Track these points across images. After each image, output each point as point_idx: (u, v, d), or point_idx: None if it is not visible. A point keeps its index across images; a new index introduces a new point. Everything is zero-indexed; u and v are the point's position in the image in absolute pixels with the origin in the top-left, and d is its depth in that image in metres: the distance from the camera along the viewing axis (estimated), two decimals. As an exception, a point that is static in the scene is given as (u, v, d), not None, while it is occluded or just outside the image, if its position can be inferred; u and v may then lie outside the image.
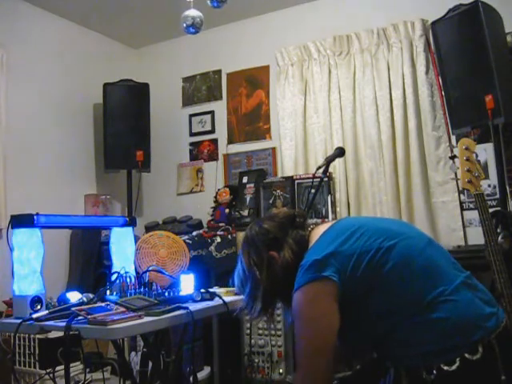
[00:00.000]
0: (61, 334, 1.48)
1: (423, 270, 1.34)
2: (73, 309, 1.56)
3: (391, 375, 1.38)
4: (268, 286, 1.49)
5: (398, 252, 1.34)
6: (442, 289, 1.30)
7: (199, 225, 3.89)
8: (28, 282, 1.67)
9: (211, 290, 1.99)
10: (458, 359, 1.23)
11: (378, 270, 1.33)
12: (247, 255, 1.55)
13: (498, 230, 2.39)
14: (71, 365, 2.70)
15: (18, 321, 1.57)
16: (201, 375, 3.08)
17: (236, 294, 2.03)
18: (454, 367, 1.23)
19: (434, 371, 1.24)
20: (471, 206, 3.28)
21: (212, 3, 2.84)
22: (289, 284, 1.41)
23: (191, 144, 4.40)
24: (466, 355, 1.23)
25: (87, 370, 2.86)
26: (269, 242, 1.52)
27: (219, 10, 2.95)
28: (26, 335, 2.78)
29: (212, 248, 3.40)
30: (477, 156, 2.41)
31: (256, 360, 3.15)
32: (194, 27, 3.05)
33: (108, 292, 1.83)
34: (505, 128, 2.93)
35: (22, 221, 1.67)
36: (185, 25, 3.06)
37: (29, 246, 1.68)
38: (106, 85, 3.98)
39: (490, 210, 2.29)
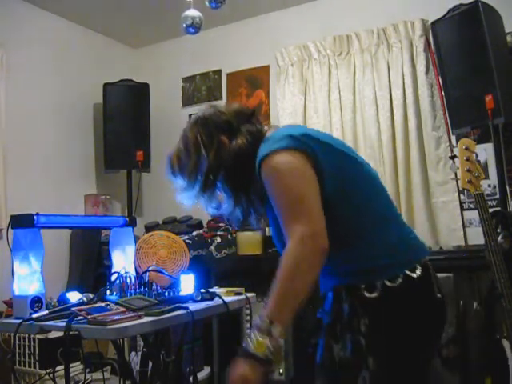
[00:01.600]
0: (61, 334, 1.48)
1: (383, 191, 1.40)
2: (73, 309, 1.56)
3: (330, 299, 1.35)
4: (214, 165, 1.39)
5: (365, 165, 1.40)
6: (394, 211, 1.40)
7: (199, 225, 3.89)
8: (28, 281, 1.66)
9: (211, 289, 1.99)
10: (401, 275, 1.26)
11: (352, 171, 1.34)
12: (195, 133, 1.44)
13: (498, 230, 2.39)
14: (71, 365, 2.70)
15: (18, 321, 1.57)
16: (201, 375, 3.08)
17: (236, 294, 2.03)
18: (397, 283, 1.25)
19: (378, 288, 1.25)
20: (471, 206, 3.28)
21: (210, 4, 2.84)
22: (238, 172, 1.36)
23: (191, 144, 4.40)
24: (408, 272, 1.27)
25: (87, 369, 2.86)
26: (222, 125, 1.42)
27: (219, 10, 2.95)
28: (26, 335, 2.78)
29: (212, 248, 3.39)
30: (477, 156, 2.41)
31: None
32: (194, 27, 3.05)
33: (108, 292, 1.83)
34: (505, 128, 2.92)
35: (22, 221, 1.67)
36: (185, 25, 3.06)
37: (29, 246, 1.67)
38: (105, 85, 3.98)
39: (490, 210, 2.29)
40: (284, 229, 1.23)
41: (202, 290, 1.91)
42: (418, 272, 1.27)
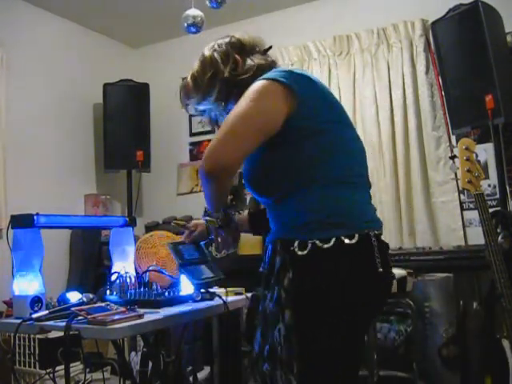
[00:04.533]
0: (61, 334, 1.48)
1: (353, 154, 1.40)
2: (73, 309, 1.56)
3: (269, 251, 1.39)
4: (229, 81, 1.47)
5: (348, 128, 1.42)
6: (357, 178, 1.38)
7: (199, 225, 3.88)
8: (28, 281, 1.66)
9: (211, 290, 1.98)
10: (333, 239, 1.26)
11: (330, 125, 1.35)
12: (211, 53, 1.53)
13: (498, 230, 2.40)
14: (71, 365, 2.70)
15: (18, 321, 1.57)
16: (201, 375, 3.08)
17: (236, 294, 2.03)
18: (328, 245, 1.25)
19: (309, 246, 1.26)
20: (471, 206, 3.28)
21: (211, 4, 2.84)
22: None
23: (191, 144, 4.40)
24: (342, 237, 1.26)
25: (87, 369, 2.86)
26: (237, 46, 1.53)
27: (219, 10, 2.95)
28: (26, 335, 2.78)
29: (212, 248, 3.39)
30: (477, 156, 2.42)
31: (256, 360, 3.15)
32: (195, 26, 3.05)
33: (108, 292, 1.83)
34: (505, 128, 2.93)
35: (21, 221, 1.67)
36: (186, 24, 3.06)
37: (29, 246, 1.67)
38: (106, 85, 3.98)
39: (490, 210, 2.29)
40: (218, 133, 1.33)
41: (202, 290, 1.91)
42: (354, 240, 1.26)
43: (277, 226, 1.40)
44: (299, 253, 1.27)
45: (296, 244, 1.28)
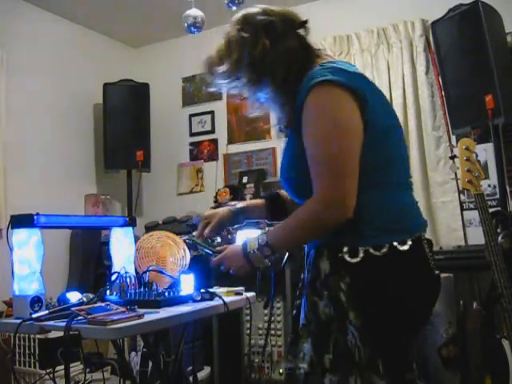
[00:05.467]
0: (61, 334, 1.47)
1: (403, 157, 1.39)
2: (73, 309, 1.56)
3: (311, 256, 1.34)
4: (258, 65, 1.34)
5: (399, 131, 1.38)
6: (409, 180, 1.38)
7: (199, 225, 3.88)
8: (28, 281, 1.66)
9: (211, 289, 1.98)
10: (386, 245, 1.23)
11: (390, 129, 1.32)
12: (237, 31, 1.37)
13: (498, 230, 2.40)
14: (71, 365, 2.70)
15: (18, 321, 1.56)
16: (201, 375, 3.08)
17: (236, 294, 2.03)
18: (381, 252, 1.23)
19: (360, 254, 1.23)
20: (471, 205, 3.28)
21: (228, 4, 2.84)
22: (280, 75, 1.30)
23: (191, 144, 4.40)
24: (395, 243, 1.24)
25: (87, 369, 2.86)
26: (266, 26, 1.36)
27: (219, 10, 2.96)
28: (26, 335, 2.78)
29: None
30: (477, 156, 2.41)
31: (256, 360, 3.15)
32: (196, 26, 3.05)
33: (108, 292, 1.82)
34: (505, 128, 2.93)
35: (22, 221, 1.67)
36: (186, 24, 3.07)
37: (29, 246, 1.67)
38: (105, 85, 3.98)
39: (490, 210, 2.29)
40: (313, 175, 1.24)
41: (202, 290, 1.91)
42: (406, 246, 1.24)
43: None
44: (349, 259, 1.24)
45: (346, 250, 1.24)
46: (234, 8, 2.85)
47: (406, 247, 1.24)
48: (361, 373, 1.21)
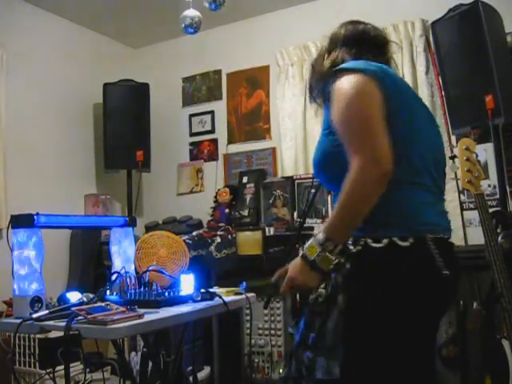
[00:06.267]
0: (61, 334, 1.48)
1: (431, 160, 1.38)
2: (73, 309, 1.56)
3: None
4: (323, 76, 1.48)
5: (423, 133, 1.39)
6: (429, 180, 1.36)
7: (199, 225, 3.89)
8: (28, 281, 1.66)
9: (211, 290, 1.98)
10: (385, 239, 1.25)
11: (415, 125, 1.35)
12: (322, 45, 1.67)
13: (498, 230, 2.40)
14: (71, 365, 2.70)
15: (18, 321, 1.57)
16: (201, 375, 3.08)
17: (236, 294, 2.03)
18: (379, 245, 1.25)
19: (361, 243, 1.27)
20: (471, 205, 3.27)
21: (210, 6, 2.85)
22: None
23: (191, 144, 4.40)
24: (394, 238, 1.25)
25: (87, 369, 2.86)
26: (347, 42, 1.56)
27: (219, 11, 2.96)
28: (26, 335, 2.78)
29: (212, 248, 3.39)
30: (477, 156, 2.41)
31: (256, 360, 3.16)
32: (193, 27, 3.06)
33: (108, 292, 1.83)
34: (505, 128, 2.92)
35: (22, 221, 1.67)
36: (183, 25, 3.07)
37: (29, 246, 1.67)
38: (105, 85, 3.98)
39: (490, 210, 2.29)
40: (348, 149, 1.27)
41: (202, 290, 1.91)
42: (407, 243, 1.25)
43: None
44: (351, 248, 1.28)
45: (351, 239, 1.29)
46: (214, 8, 2.86)
47: (406, 243, 1.25)
48: (327, 356, 1.27)
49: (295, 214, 3.52)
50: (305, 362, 1.32)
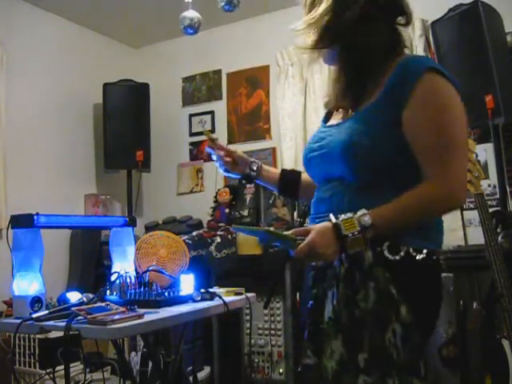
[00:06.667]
0: (61, 334, 1.48)
1: None
2: (73, 309, 1.56)
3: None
4: (341, 27, 1.36)
5: None
6: None
7: (199, 225, 3.89)
8: (28, 281, 1.66)
9: (211, 289, 1.98)
10: (425, 250, 1.23)
11: None
12: None
13: (498, 230, 2.40)
14: (71, 365, 2.70)
15: (18, 321, 1.57)
16: (201, 375, 3.08)
17: (236, 294, 2.03)
18: (421, 256, 1.23)
19: (402, 253, 1.21)
20: (471, 205, 3.26)
21: (224, 7, 2.84)
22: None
23: (191, 144, 4.41)
24: (430, 250, 1.25)
25: (87, 369, 2.86)
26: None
27: (219, 11, 2.96)
28: (26, 335, 2.78)
29: (212, 248, 3.39)
30: (477, 156, 2.41)
31: (256, 360, 3.16)
32: (192, 28, 3.06)
33: (108, 292, 1.83)
34: (505, 128, 2.93)
35: (21, 221, 1.67)
36: (183, 26, 3.07)
37: (29, 246, 1.67)
38: (105, 85, 3.98)
39: (490, 210, 2.29)
40: (428, 163, 1.23)
41: (202, 290, 1.91)
42: (435, 256, 1.26)
43: None
44: (388, 256, 1.21)
45: (387, 245, 1.22)
46: (229, 9, 2.85)
47: (434, 257, 1.26)
48: (399, 375, 1.14)
49: (295, 213, 3.52)
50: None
